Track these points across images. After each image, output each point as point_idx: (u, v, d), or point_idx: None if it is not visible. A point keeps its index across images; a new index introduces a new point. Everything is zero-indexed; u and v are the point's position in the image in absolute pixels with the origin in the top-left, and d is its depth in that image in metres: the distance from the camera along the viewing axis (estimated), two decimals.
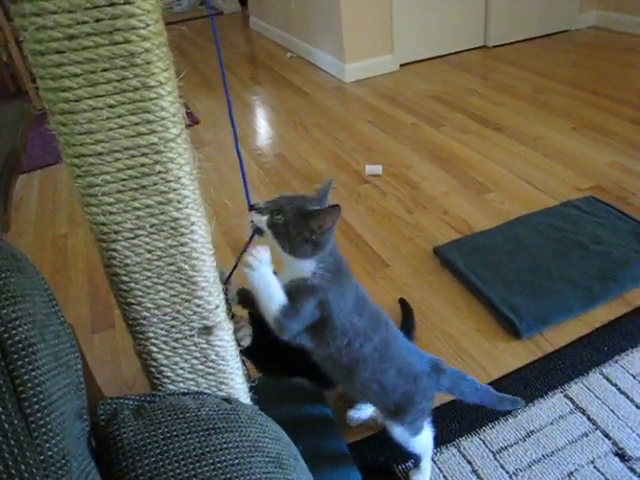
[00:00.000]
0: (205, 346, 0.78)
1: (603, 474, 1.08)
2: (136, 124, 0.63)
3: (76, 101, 0.61)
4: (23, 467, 0.46)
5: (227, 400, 0.76)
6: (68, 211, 2.31)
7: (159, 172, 0.66)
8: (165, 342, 0.76)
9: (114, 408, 0.67)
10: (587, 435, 1.16)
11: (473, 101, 2.86)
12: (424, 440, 1.07)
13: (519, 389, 1.27)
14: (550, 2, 3.55)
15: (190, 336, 0.77)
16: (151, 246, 0.70)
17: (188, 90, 3.28)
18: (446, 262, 1.70)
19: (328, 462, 1.12)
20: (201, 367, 0.79)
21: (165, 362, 0.77)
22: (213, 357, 0.79)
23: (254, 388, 0.90)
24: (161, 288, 0.73)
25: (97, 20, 0.57)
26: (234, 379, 0.83)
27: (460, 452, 1.16)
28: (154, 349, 0.76)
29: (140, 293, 0.72)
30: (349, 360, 0.93)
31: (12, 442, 0.46)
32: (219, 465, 0.61)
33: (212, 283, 0.76)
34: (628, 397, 1.23)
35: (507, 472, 1.11)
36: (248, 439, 0.67)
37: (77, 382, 0.58)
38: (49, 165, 2.69)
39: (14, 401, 0.47)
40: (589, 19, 3.71)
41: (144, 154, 0.65)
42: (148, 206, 0.68)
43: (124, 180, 0.66)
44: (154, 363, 0.77)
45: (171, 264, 0.72)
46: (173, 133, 0.66)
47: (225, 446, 0.64)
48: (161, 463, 0.60)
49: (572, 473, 1.09)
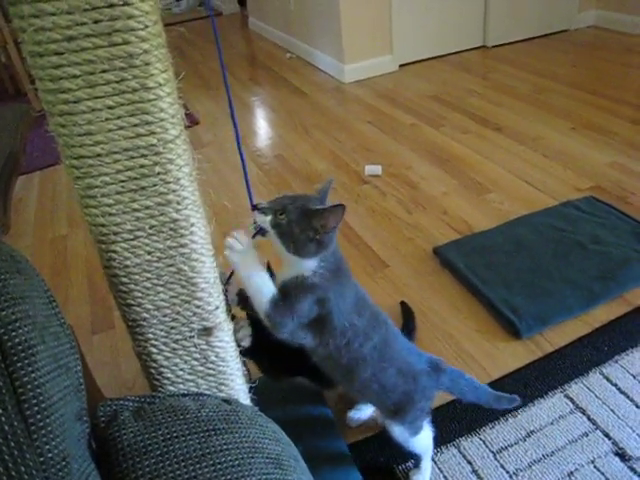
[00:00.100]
0: (205, 347, 0.78)
1: (603, 474, 1.08)
2: (135, 125, 0.63)
3: (75, 102, 0.61)
4: (23, 469, 0.46)
5: (227, 401, 0.76)
6: (67, 212, 2.31)
7: (158, 173, 0.66)
8: (165, 343, 0.76)
9: (114, 409, 0.67)
10: (587, 435, 1.16)
11: (473, 101, 2.86)
12: (424, 440, 1.07)
13: (519, 389, 1.27)
14: (549, 2, 3.55)
15: (190, 337, 0.77)
16: (151, 247, 0.70)
17: (187, 91, 3.26)
18: (446, 262, 1.70)
19: (328, 462, 1.13)
20: (201, 368, 0.79)
21: (165, 363, 0.77)
22: (213, 358, 0.79)
23: (254, 389, 0.90)
24: (161, 289, 0.73)
25: (96, 21, 0.58)
26: (234, 380, 0.83)
27: (460, 452, 1.16)
28: (154, 350, 0.76)
29: (140, 294, 0.72)
30: (348, 360, 0.94)
31: (12, 444, 0.46)
32: (219, 466, 0.61)
33: (212, 284, 0.76)
34: (628, 397, 1.23)
35: (507, 472, 1.11)
36: (248, 440, 0.67)
37: (77, 383, 0.58)
38: (48, 166, 2.69)
39: (14, 403, 0.47)
40: (588, 19, 3.71)
41: (143, 155, 0.65)
42: (147, 207, 0.68)
43: (123, 181, 0.66)
44: (154, 364, 0.77)
45: (171, 265, 0.72)
46: (172, 134, 0.66)
47: (225, 447, 0.64)
48: (161, 464, 0.60)
49: (572, 473, 1.09)
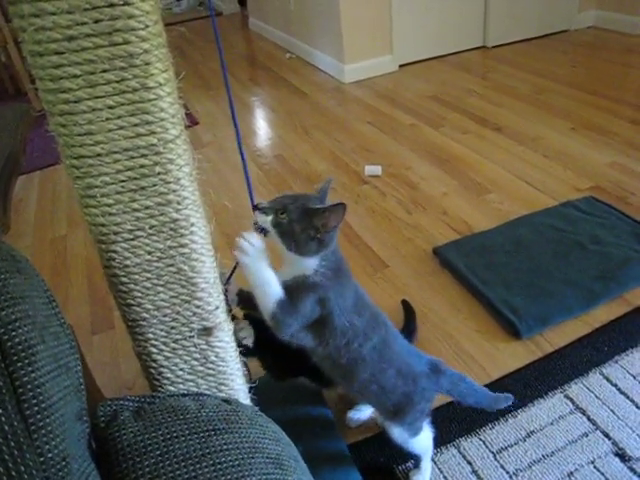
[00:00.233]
0: (205, 347, 0.78)
1: (603, 474, 1.08)
2: (135, 125, 0.63)
3: (75, 102, 0.61)
4: (23, 469, 0.46)
5: (227, 401, 0.76)
6: (67, 212, 2.31)
7: (158, 173, 0.66)
8: (165, 343, 0.76)
9: (114, 409, 0.67)
10: (587, 435, 1.16)
11: (472, 101, 2.86)
12: (423, 441, 1.07)
13: (519, 389, 1.27)
14: (549, 2, 3.55)
15: (190, 337, 0.76)
16: (150, 247, 0.70)
17: (187, 91, 3.27)
18: (446, 263, 1.70)
19: (328, 463, 1.12)
20: (201, 368, 0.79)
21: (165, 363, 0.77)
22: (213, 358, 0.79)
23: (254, 389, 0.90)
24: (161, 289, 0.73)
25: (96, 21, 0.57)
26: (234, 380, 0.83)
27: (460, 452, 1.16)
28: (154, 350, 0.76)
29: (140, 294, 0.72)
30: (348, 360, 0.94)
31: (12, 444, 0.46)
32: (219, 466, 0.61)
33: (212, 284, 0.76)
34: (628, 397, 1.23)
35: (507, 472, 1.11)
36: (248, 440, 0.67)
37: (77, 383, 0.58)
38: (48, 166, 2.69)
39: (14, 403, 0.47)
40: (588, 19, 3.71)
41: (143, 155, 0.65)
42: (147, 207, 0.68)
43: (123, 181, 0.66)
44: (154, 364, 0.77)
45: (171, 265, 0.72)
46: (172, 134, 0.66)
47: (225, 447, 0.64)
48: (161, 464, 0.60)
49: (572, 473, 1.09)
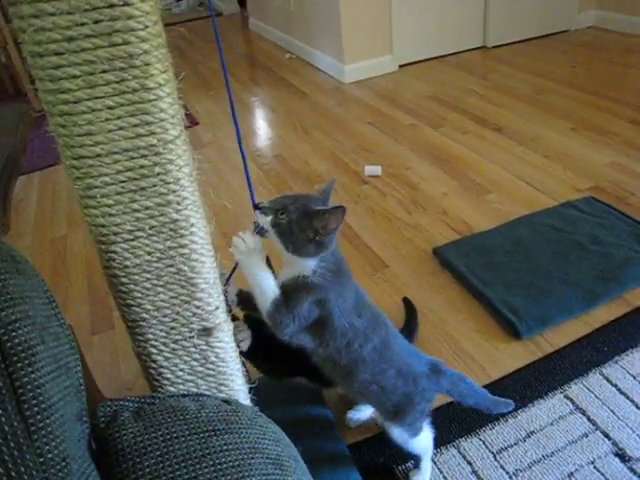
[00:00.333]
0: (205, 348, 0.78)
1: (603, 474, 1.08)
2: (135, 126, 0.63)
3: (75, 103, 0.61)
4: (23, 469, 0.46)
5: (227, 401, 0.76)
6: (67, 212, 2.31)
7: (158, 174, 0.66)
8: (164, 344, 0.76)
9: (114, 410, 0.67)
10: (587, 435, 1.16)
11: (472, 102, 2.86)
12: (423, 441, 1.07)
13: (519, 390, 1.27)
14: (549, 2, 3.55)
15: (190, 338, 0.76)
16: (150, 248, 0.70)
17: (187, 91, 3.28)
18: (446, 263, 1.70)
19: (328, 463, 1.12)
20: (201, 369, 0.79)
21: (165, 364, 0.77)
22: (213, 359, 0.79)
23: (254, 389, 0.90)
24: (160, 290, 0.73)
25: (96, 22, 0.57)
26: (234, 380, 0.83)
27: (460, 453, 1.16)
28: (154, 351, 0.76)
29: (139, 295, 0.72)
30: (348, 361, 0.93)
31: (12, 444, 0.46)
32: (219, 467, 0.61)
33: (212, 285, 0.76)
34: (628, 397, 1.23)
35: (507, 473, 1.11)
36: (248, 441, 0.67)
37: (77, 384, 0.58)
38: (48, 167, 2.69)
39: (14, 403, 0.47)
40: (588, 19, 3.71)
41: (143, 156, 0.65)
42: (147, 208, 0.68)
43: (123, 182, 0.66)
44: (154, 365, 0.77)
45: (170, 266, 0.72)
46: (172, 134, 0.66)
47: (225, 448, 0.64)
48: (161, 465, 0.60)
49: (572, 473, 1.09)
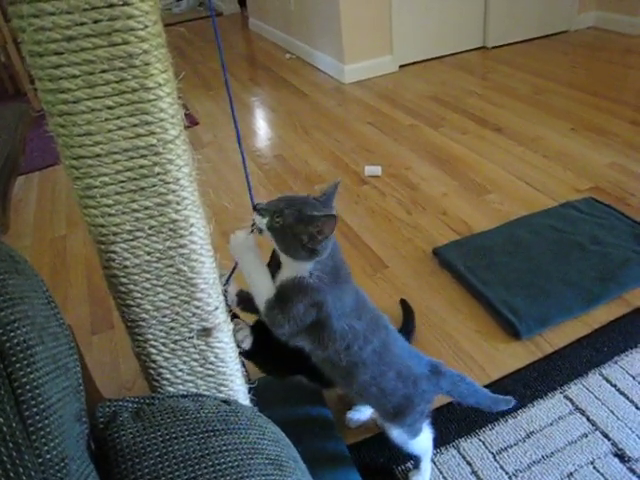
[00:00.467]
0: (204, 348, 0.78)
1: (603, 475, 1.08)
2: (135, 125, 0.63)
3: (75, 102, 0.60)
4: (21, 470, 0.46)
5: (226, 402, 0.76)
6: (67, 212, 2.31)
7: (158, 174, 0.66)
8: (164, 344, 0.76)
9: (113, 410, 0.67)
10: (587, 436, 1.16)
11: (472, 102, 2.86)
12: (423, 442, 1.07)
13: (519, 390, 1.27)
14: (549, 3, 3.55)
15: (189, 338, 0.76)
16: (150, 248, 0.70)
17: (187, 91, 3.28)
18: (445, 263, 1.70)
19: (328, 464, 1.12)
20: (200, 369, 0.79)
21: (164, 364, 0.77)
22: (212, 359, 0.79)
23: (253, 389, 0.90)
24: (160, 290, 0.72)
25: (95, 21, 0.57)
26: (233, 381, 0.83)
27: (460, 453, 1.16)
28: (153, 351, 0.76)
29: (139, 295, 0.72)
30: (348, 363, 0.93)
31: (10, 445, 0.46)
32: (218, 467, 0.61)
33: (211, 285, 0.76)
34: (628, 398, 1.23)
35: (507, 473, 1.11)
36: (247, 441, 0.67)
37: (76, 384, 0.58)
38: (48, 166, 2.69)
39: (12, 404, 0.47)
40: (588, 20, 3.71)
41: (143, 156, 0.65)
42: (147, 208, 0.67)
43: (123, 182, 0.66)
44: (153, 365, 0.77)
45: (170, 266, 0.71)
46: (172, 134, 0.66)
47: (225, 448, 0.64)
48: (160, 465, 0.60)
49: (572, 474, 1.09)
